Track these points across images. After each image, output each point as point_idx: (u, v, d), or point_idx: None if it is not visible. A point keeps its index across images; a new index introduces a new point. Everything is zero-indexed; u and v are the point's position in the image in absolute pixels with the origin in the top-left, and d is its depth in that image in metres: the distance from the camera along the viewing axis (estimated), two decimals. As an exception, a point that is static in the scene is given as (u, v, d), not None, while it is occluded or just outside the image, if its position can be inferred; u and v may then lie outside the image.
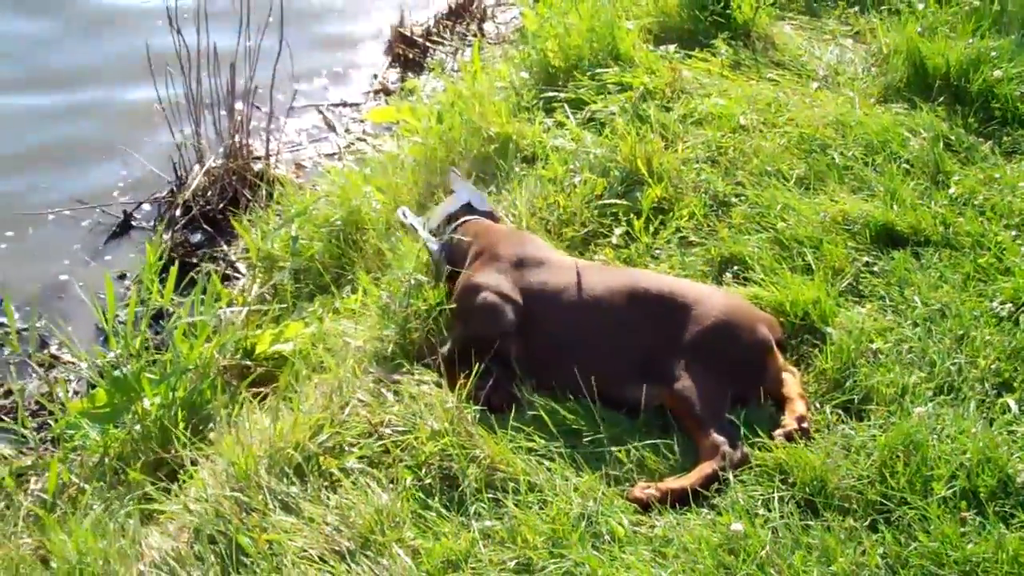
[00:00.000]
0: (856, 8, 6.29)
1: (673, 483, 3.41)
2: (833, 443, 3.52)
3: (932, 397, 3.70)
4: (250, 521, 3.39)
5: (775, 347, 3.80)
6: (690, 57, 5.68)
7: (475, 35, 7.90)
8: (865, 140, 4.94)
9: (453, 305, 3.98)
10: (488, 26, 8.18)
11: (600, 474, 3.44)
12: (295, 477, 3.52)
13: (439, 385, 3.70)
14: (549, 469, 3.44)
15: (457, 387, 3.68)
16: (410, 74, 7.60)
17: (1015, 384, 3.74)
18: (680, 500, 3.37)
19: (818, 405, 3.71)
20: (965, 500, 3.31)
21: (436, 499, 3.40)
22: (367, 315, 4.35)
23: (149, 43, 5.89)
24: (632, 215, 4.51)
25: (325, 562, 3.26)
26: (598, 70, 5.46)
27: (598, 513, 3.30)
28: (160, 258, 4.72)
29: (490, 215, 4.32)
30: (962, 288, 4.16)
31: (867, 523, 3.29)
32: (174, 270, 4.57)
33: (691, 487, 3.38)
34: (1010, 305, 4.05)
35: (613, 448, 3.52)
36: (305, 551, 3.30)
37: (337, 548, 3.30)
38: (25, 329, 5.27)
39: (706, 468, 3.44)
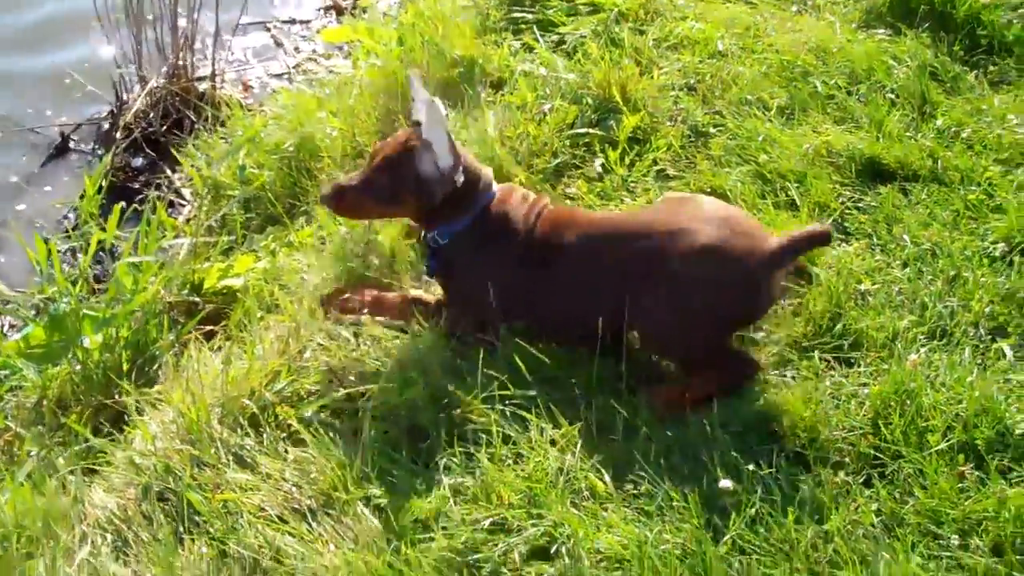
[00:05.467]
0: (834, -73, 6.01)
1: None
2: (823, 392, 3.33)
3: (924, 342, 3.52)
4: (202, 477, 3.15)
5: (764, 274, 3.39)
6: (664, -25, 5.38)
7: (432, -52, 7.53)
8: (848, 68, 4.71)
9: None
10: (445, -61, 7.80)
11: (579, 425, 3.21)
12: (250, 428, 3.28)
13: (404, 330, 3.45)
14: (524, 420, 3.21)
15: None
16: (363, -11, 7.24)
17: (1009, 329, 3.57)
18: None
19: (806, 350, 3.51)
20: (963, 453, 3.14)
21: (403, 453, 3.17)
22: (323, 250, 4.09)
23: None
24: (607, 146, 4.25)
25: (284, 522, 3.04)
26: (568, -11, 5.17)
27: (577, 468, 3.09)
28: (100, 188, 4.41)
29: None
30: (952, 226, 3.97)
31: (861, 478, 3.12)
32: (117, 208, 4.27)
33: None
34: (1003, 245, 3.87)
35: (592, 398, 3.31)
36: (263, 510, 3.07)
37: (297, 507, 3.08)
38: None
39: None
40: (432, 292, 3.70)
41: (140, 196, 5.35)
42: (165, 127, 5.86)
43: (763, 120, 4.41)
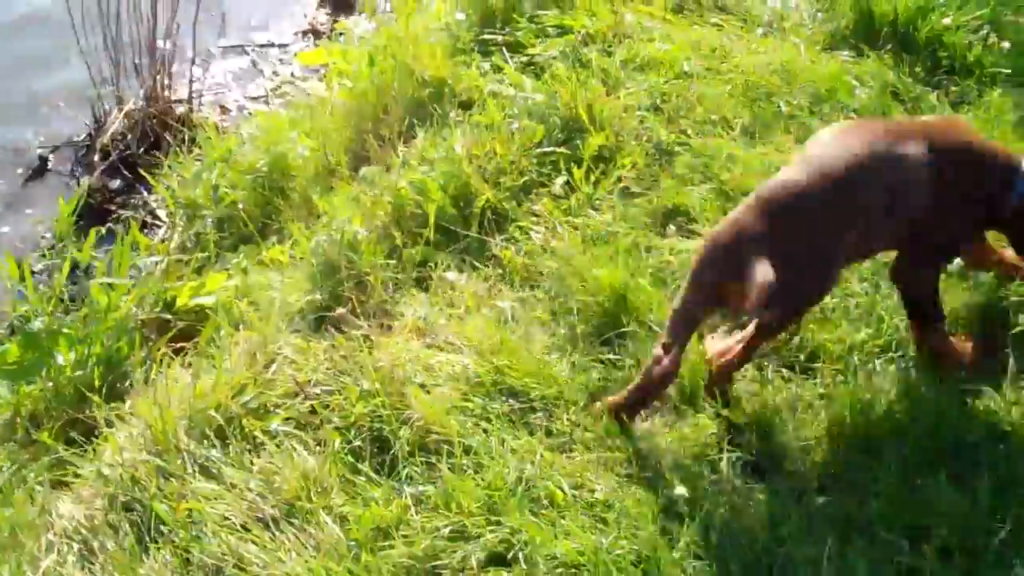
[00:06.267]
0: (801, -49, 6.09)
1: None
2: (780, 402, 3.39)
3: (880, 355, 3.58)
4: (168, 488, 3.20)
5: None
6: (631, -1, 5.47)
7: (409, -26, 7.61)
8: (811, 88, 4.77)
9: None
10: (422, -34, 7.88)
11: (539, 436, 3.27)
12: (216, 440, 3.34)
13: (369, 341, 3.51)
14: (485, 431, 3.27)
15: None
16: (341, 14, 7.32)
17: (964, 341, 3.65)
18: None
19: (765, 363, 3.57)
20: (915, 462, 3.21)
21: (366, 463, 3.22)
22: (295, 267, 4.15)
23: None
24: (573, 164, 4.32)
25: (248, 530, 3.09)
26: (538, 12, 5.24)
27: (536, 477, 3.14)
28: (77, 207, 4.47)
29: None
30: (910, 243, 4.04)
31: (815, 485, 3.18)
32: (93, 232, 4.34)
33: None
34: (958, 261, 3.93)
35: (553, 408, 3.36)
36: (227, 519, 3.12)
37: (261, 516, 3.13)
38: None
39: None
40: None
41: (116, 217, 5.41)
42: (143, 149, 5.92)
43: (727, 139, 4.47)
